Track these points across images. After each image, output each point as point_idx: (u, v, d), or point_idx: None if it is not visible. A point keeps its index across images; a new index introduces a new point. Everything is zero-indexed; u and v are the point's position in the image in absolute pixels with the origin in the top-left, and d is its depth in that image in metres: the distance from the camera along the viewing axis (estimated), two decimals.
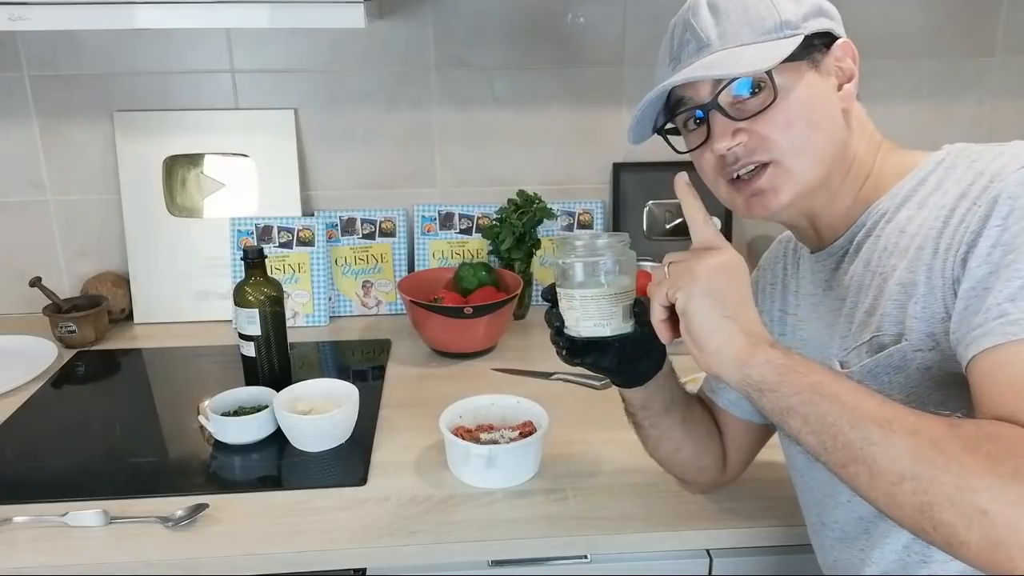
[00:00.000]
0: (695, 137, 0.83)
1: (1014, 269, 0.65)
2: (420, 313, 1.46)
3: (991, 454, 0.57)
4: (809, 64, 0.77)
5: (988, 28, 1.68)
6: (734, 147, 0.77)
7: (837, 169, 0.80)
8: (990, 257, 0.66)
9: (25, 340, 1.54)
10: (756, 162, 0.78)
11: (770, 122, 0.76)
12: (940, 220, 0.72)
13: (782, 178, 0.78)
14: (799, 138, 0.77)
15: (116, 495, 1.08)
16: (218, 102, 1.64)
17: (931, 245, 0.72)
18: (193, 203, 1.65)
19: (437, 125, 1.68)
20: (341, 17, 1.23)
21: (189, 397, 1.36)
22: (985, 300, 0.65)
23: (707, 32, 0.78)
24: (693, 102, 0.80)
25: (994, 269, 0.66)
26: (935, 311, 0.71)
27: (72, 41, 1.57)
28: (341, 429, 1.20)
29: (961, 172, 0.74)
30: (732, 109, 0.77)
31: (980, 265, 0.67)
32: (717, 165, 0.81)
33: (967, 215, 0.69)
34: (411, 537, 1.01)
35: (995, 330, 0.64)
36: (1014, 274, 0.64)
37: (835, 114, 0.79)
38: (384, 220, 1.70)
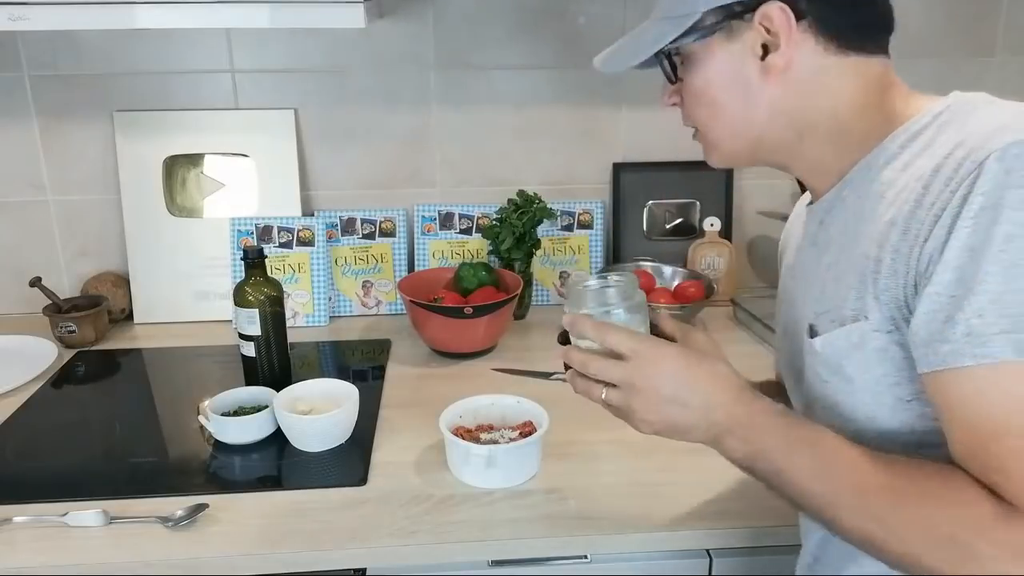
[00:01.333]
0: None
1: (982, 277, 0.62)
2: (420, 313, 1.46)
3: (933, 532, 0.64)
4: (723, 35, 0.76)
5: (988, 28, 1.68)
6: (672, 104, 0.84)
7: (783, 134, 0.79)
8: (959, 260, 0.63)
9: (25, 340, 1.54)
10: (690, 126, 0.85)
11: (686, 92, 0.82)
12: (916, 194, 0.68)
13: (707, 144, 0.84)
14: (705, 115, 0.81)
15: (116, 495, 1.08)
16: (218, 102, 1.64)
17: (902, 223, 0.68)
18: (193, 203, 1.65)
19: (437, 125, 1.68)
20: (341, 17, 1.23)
21: (189, 397, 1.36)
22: (952, 310, 0.63)
23: None
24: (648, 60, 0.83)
25: (961, 276, 0.63)
26: (897, 295, 0.69)
27: (72, 41, 1.57)
28: (341, 429, 1.20)
29: (950, 134, 0.69)
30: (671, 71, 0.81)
31: (947, 268, 0.63)
32: None
33: (939, 198, 0.65)
34: (411, 537, 1.01)
35: (963, 350, 0.63)
36: (982, 285, 0.62)
37: (749, 86, 0.77)
38: (384, 220, 1.70)
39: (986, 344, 0.62)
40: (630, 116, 1.70)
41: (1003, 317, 0.61)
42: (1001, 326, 0.61)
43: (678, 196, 1.73)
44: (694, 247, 1.73)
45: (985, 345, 0.62)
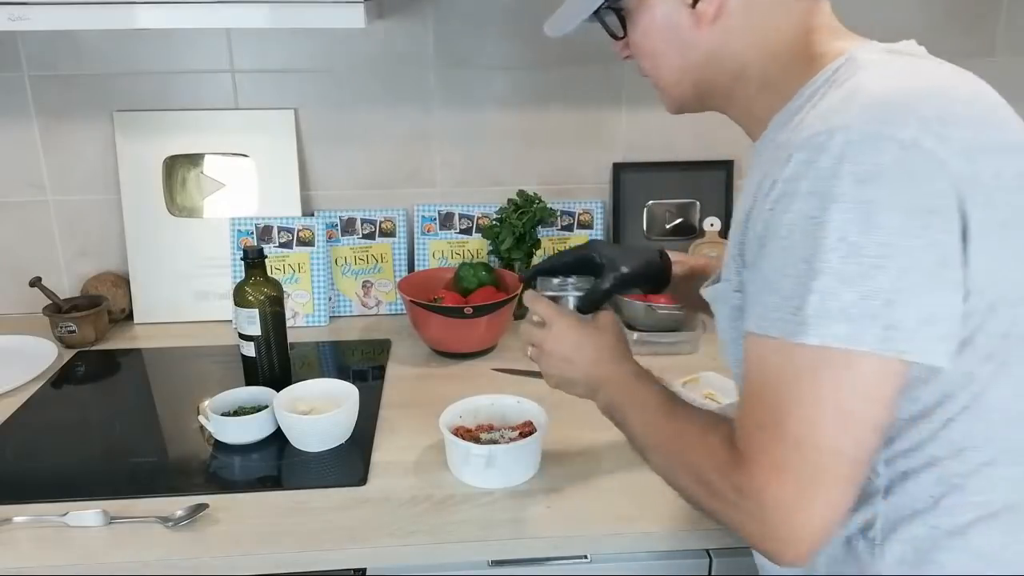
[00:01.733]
0: None
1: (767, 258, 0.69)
2: (420, 313, 1.46)
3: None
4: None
5: (988, 28, 1.68)
6: (627, 57, 0.89)
7: (720, 78, 0.83)
8: (764, 241, 0.69)
9: (25, 340, 1.54)
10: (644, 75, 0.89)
11: (632, 48, 0.87)
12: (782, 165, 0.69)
13: (660, 89, 0.89)
14: (649, 65, 0.87)
15: (116, 495, 1.08)
16: (218, 102, 1.64)
17: (751, 189, 0.75)
18: (193, 203, 1.65)
19: (437, 125, 1.68)
20: (341, 17, 1.23)
21: (189, 397, 1.36)
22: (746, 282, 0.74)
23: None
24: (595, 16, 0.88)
25: (762, 256, 0.70)
26: (741, 262, 0.76)
27: (72, 41, 1.57)
28: (341, 429, 1.20)
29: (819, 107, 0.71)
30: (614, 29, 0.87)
31: (760, 246, 0.70)
32: None
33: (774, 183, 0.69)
34: (411, 537, 1.01)
35: (750, 322, 0.71)
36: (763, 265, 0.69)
37: (683, 33, 0.81)
38: (384, 220, 1.70)
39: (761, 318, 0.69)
40: (630, 116, 1.70)
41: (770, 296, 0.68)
42: (768, 305, 0.68)
43: (678, 196, 1.73)
44: (694, 247, 1.73)
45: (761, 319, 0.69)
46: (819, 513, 0.67)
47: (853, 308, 0.63)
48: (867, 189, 0.63)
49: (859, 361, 0.64)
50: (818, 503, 0.66)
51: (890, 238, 0.62)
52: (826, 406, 0.65)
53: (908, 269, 0.63)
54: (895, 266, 0.62)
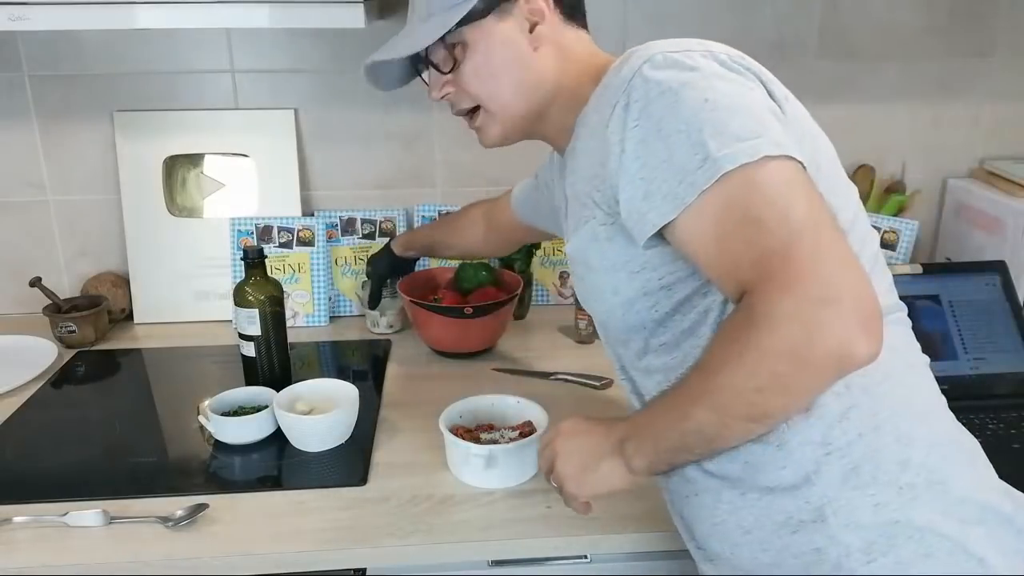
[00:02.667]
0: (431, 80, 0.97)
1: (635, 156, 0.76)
2: (420, 313, 1.47)
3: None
4: (496, 16, 0.89)
5: (988, 28, 1.68)
6: (444, 96, 0.95)
7: (545, 99, 0.92)
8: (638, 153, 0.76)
9: (25, 340, 1.54)
10: (465, 108, 0.95)
11: (464, 77, 0.92)
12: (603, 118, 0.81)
13: (490, 119, 0.94)
14: (489, 86, 0.92)
15: (116, 495, 1.08)
16: (218, 102, 1.64)
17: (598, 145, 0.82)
18: (193, 203, 1.65)
19: (437, 125, 1.68)
20: (341, 17, 1.23)
21: (189, 397, 1.36)
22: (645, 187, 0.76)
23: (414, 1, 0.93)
24: (407, 60, 0.96)
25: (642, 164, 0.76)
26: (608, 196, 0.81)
27: (72, 41, 1.57)
28: (341, 429, 1.20)
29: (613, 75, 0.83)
30: (442, 63, 0.92)
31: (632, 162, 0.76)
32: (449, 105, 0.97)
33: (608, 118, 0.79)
34: (411, 537, 1.01)
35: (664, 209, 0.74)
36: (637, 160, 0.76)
37: (524, 56, 0.90)
38: (384, 220, 1.70)
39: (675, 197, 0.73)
40: None
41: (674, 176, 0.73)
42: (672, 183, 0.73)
43: None
44: None
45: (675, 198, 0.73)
46: (861, 275, 0.67)
47: (742, 132, 0.71)
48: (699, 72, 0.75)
49: (771, 163, 0.70)
50: (854, 266, 0.68)
51: (733, 89, 0.75)
52: (789, 199, 0.70)
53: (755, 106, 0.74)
54: (745, 104, 0.74)
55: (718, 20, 1.63)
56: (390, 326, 1.61)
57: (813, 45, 1.65)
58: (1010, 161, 1.69)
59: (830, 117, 1.85)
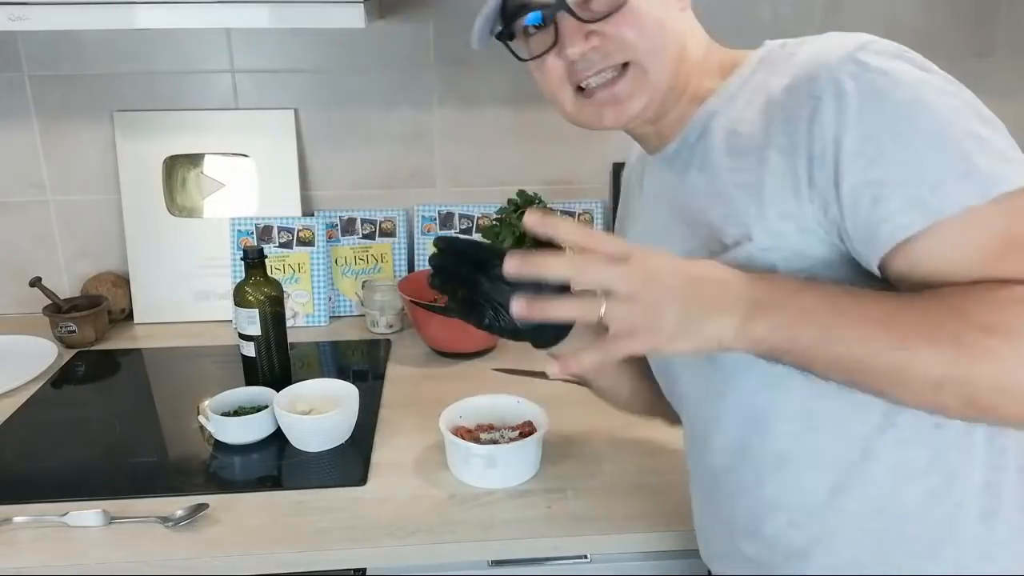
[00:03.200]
0: (538, 42, 0.77)
1: (894, 158, 0.64)
2: (420, 313, 1.46)
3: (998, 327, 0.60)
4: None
5: (988, 28, 1.68)
6: (587, 51, 0.73)
7: (680, 70, 0.78)
8: (864, 152, 0.65)
9: (25, 340, 1.54)
10: (614, 64, 0.75)
11: (624, 22, 0.73)
12: (771, 117, 0.71)
13: (638, 82, 0.75)
14: (652, 38, 0.74)
15: (116, 495, 1.08)
16: (218, 102, 1.64)
17: (774, 144, 0.70)
18: (193, 203, 1.65)
19: (437, 125, 1.68)
20: (341, 17, 1.23)
21: (189, 397, 1.36)
22: (881, 191, 0.64)
23: None
24: (536, 3, 0.75)
25: (872, 161, 0.64)
26: (786, 210, 0.69)
27: (72, 41, 1.57)
28: (341, 429, 1.20)
29: (783, 67, 0.72)
30: (581, 10, 0.73)
31: (854, 160, 0.65)
32: (565, 72, 0.76)
33: (806, 110, 0.67)
34: (411, 537, 1.01)
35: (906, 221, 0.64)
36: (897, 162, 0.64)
37: (676, 12, 0.77)
38: (384, 220, 1.70)
39: (924, 206, 0.63)
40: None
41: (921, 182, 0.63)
42: (921, 189, 0.63)
43: None
44: None
45: (923, 207, 0.63)
46: None
47: (1007, 151, 0.65)
48: (934, 72, 0.70)
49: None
50: None
51: (975, 100, 0.70)
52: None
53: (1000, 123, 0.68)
54: (995, 119, 0.69)
55: (718, 20, 1.62)
56: (390, 326, 1.61)
57: None
58: None
59: None
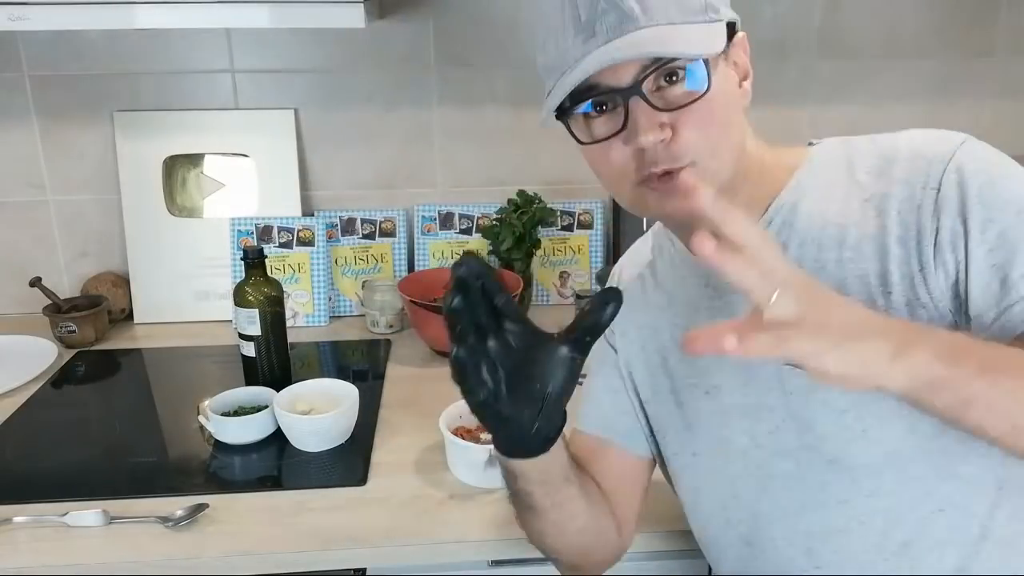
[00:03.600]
0: (601, 126, 0.73)
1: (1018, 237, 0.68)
2: (420, 313, 1.46)
3: None
4: (724, 56, 0.72)
5: (988, 28, 1.68)
6: (659, 143, 0.70)
7: (739, 168, 0.76)
8: (985, 237, 0.68)
9: (25, 340, 1.54)
10: (679, 166, 0.71)
11: (693, 117, 0.70)
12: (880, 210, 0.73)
13: (702, 175, 0.71)
14: (717, 137, 0.72)
15: (116, 495, 1.08)
16: (218, 102, 1.64)
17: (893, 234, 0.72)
18: (193, 203, 1.65)
19: (437, 125, 1.68)
20: (341, 17, 1.23)
21: (189, 397, 1.36)
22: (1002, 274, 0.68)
23: (628, 2, 0.68)
24: (608, 85, 0.70)
25: (996, 245, 0.68)
26: (913, 299, 0.71)
27: (72, 41, 1.57)
28: (341, 429, 1.20)
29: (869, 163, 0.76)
30: (654, 97, 0.70)
31: (978, 246, 0.69)
32: (629, 160, 0.72)
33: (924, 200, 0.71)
34: (411, 537, 1.01)
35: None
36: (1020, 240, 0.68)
37: (740, 111, 0.76)
38: (384, 220, 1.70)
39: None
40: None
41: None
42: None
43: None
44: None
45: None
46: None
47: None
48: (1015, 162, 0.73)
49: None
50: None
51: None
52: None
53: None
54: None
55: None
56: (390, 326, 1.61)
57: (813, 45, 1.65)
58: None
59: (830, 117, 1.85)
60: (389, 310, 1.60)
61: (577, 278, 1.73)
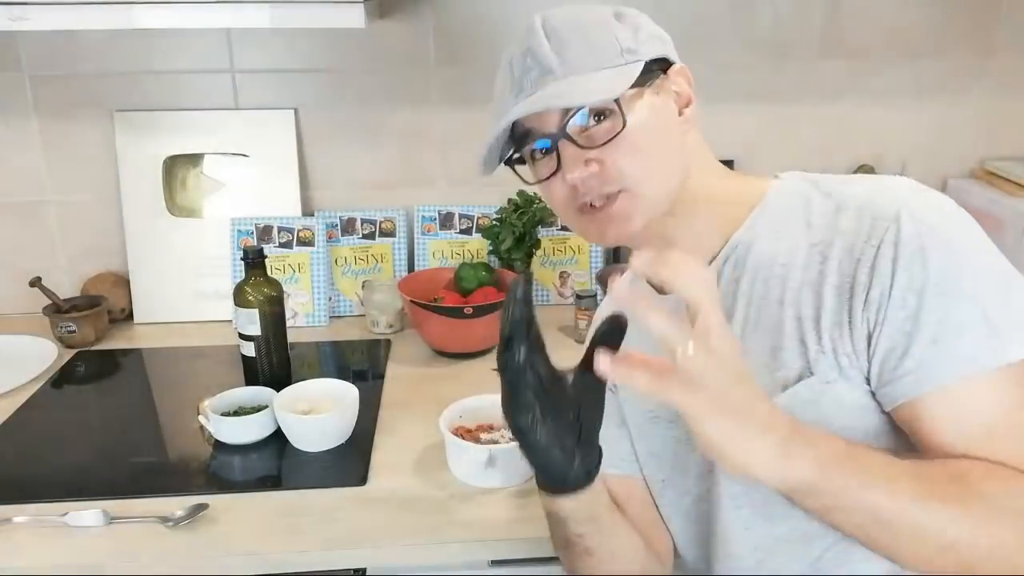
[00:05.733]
0: (543, 167, 0.80)
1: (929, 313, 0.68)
2: (420, 313, 1.47)
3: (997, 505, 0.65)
4: (651, 90, 0.77)
5: (988, 28, 1.68)
6: (587, 177, 0.76)
7: (684, 195, 0.80)
8: (906, 303, 0.69)
9: (25, 340, 1.54)
10: (609, 192, 0.77)
11: (619, 150, 0.75)
12: (824, 256, 0.74)
13: (634, 204, 0.77)
14: (646, 164, 0.77)
15: (116, 495, 1.08)
16: (218, 102, 1.64)
17: (829, 282, 0.74)
18: (193, 203, 1.65)
19: (437, 125, 1.68)
20: (341, 17, 1.23)
21: (189, 397, 1.35)
22: (906, 345, 0.69)
23: (548, 59, 0.75)
24: (540, 132, 0.78)
25: (911, 314, 0.69)
26: (839, 347, 0.73)
27: (72, 41, 1.57)
28: (341, 429, 1.20)
29: (824, 207, 0.77)
30: (581, 138, 0.76)
31: (897, 310, 0.69)
32: (568, 195, 0.79)
33: (863, 255, 0.72)
34: (411, 537, 1.01)
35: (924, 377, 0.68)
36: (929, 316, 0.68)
37: (676, 138, 0.80)
38: (384, 220, 1.70)
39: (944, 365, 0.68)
40: None
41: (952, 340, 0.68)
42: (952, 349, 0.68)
43: None
44: None
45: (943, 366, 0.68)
46: None
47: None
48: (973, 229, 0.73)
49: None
50: None
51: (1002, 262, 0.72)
52: None
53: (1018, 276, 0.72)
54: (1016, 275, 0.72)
55: (718, 20, 1.63)
56: (390, 326, 1.61)
57: (814, 45, 1.65)
58: (1010, 161, 1.69)
59: (830, 117, 1.85)
60: (389, 310, 1.60)
61: (577, 278, 1.73)
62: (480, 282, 1.54)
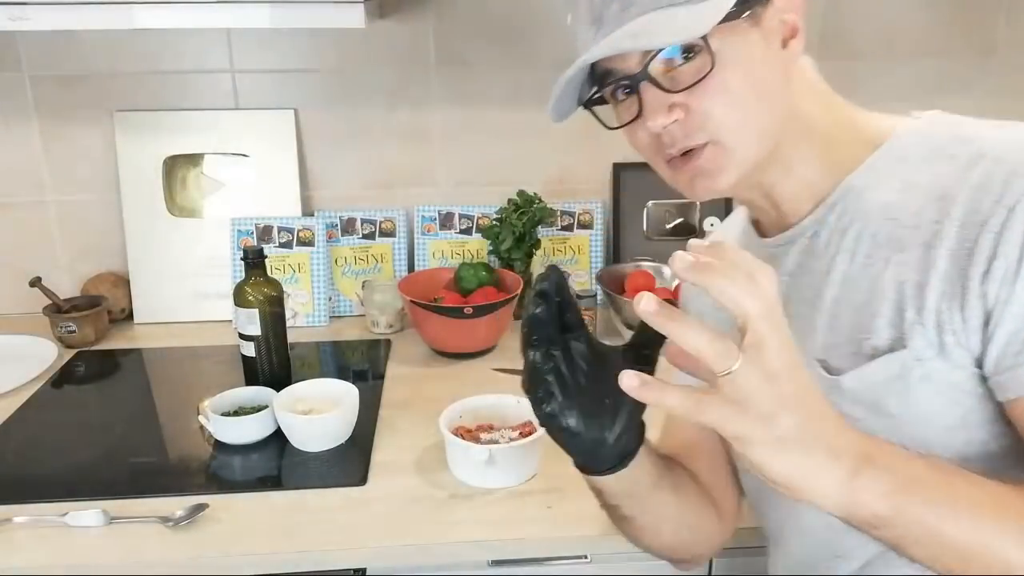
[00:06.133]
0: (625, 111, 0.71)
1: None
2: (420, 313, 1.47)
3: None
4: (749, 21, 0.66)
5: (988, 28, 1.68)
6: (670, 124, 0.67)
7: (788, 138, 0.71)
8: None
9: (25, 340, 1.54)
10: (694, 144, 0.68)
11: (707, 94, 0.66)
12: (944, 213, 0.65)
13: (723, 158, 0.68)
14: (740, 111, 0.67)
15: (116, 495, 1.08)
16: (218, 102, 1.64)
17: (945, 245, 0.64)
18: (193, 203, 1.65)
19: (437, 125, 1.68)
20: (341, 17, 1.23)
21: (189, 397, 1.36)
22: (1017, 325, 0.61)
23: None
24: (621, 73, 0.69)
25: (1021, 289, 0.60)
26: (949, 319, 0.64)
27: (72, 41, 1.57)
28: (341, 429, 1.20)
29: (956, 154, 0.67)
30: (665, 79, 0.67)
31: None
32: (653, 143, 0.71)
33: (990, 216, 0.62)
34: (411, 537, 1.01)
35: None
36: None
37: (778, 77, 0.69)
38: (384, 220, 1.70)
39: None
40: None
41: None
42: None
43: (678, 196, 1.69)
44: None
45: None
46: None
47: None
48: None
49: None
50: None
51: None
52: None
53: None
54: None
55: None
56: (390, 326, 1.61)
57: (814, 45, 1.64)
58: None
59: None
60: (389, 310, 1.60)
61: (577, 278, 1.73)
62: (480, 282, 1.54)
